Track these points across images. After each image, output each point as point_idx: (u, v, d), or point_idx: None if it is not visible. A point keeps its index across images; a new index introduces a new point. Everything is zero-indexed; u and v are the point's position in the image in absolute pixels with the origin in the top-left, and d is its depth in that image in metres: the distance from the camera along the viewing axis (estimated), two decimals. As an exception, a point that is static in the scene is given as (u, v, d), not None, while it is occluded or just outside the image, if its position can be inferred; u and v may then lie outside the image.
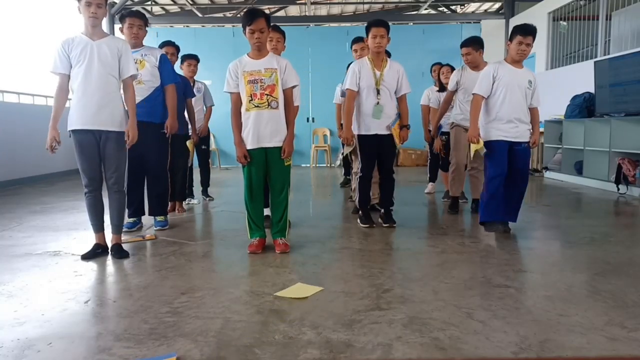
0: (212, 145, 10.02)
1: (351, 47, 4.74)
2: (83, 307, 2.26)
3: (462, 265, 2.88)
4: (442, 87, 5.38)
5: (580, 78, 7.13)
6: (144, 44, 3.91)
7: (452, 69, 5.32)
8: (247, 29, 3.05)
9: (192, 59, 5.14)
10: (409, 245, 3.45)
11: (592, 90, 6.61)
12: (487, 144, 3.61)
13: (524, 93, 3.58)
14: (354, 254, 3.18)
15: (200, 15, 11.44)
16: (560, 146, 7.29)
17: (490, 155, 3.59)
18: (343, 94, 4.65)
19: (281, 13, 12.86)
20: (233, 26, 10.83)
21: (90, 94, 2.97)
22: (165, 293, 2.43)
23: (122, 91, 3.20)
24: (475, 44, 4.37)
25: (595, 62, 6.65)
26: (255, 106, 3.09)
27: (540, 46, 8.70)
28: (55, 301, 2.36)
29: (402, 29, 10.89)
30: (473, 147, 3.65)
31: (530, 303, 2.24)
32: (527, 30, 3.50)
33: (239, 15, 11.61)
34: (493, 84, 3.57)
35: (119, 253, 3.13)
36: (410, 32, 10.60)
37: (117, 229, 3.22)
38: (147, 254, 3.25)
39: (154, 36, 10.31)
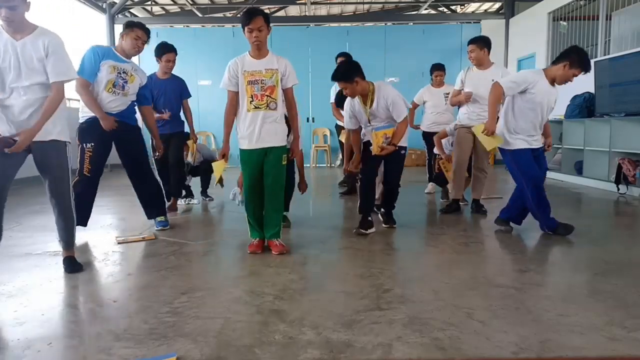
0: (212, 146, 10.03)
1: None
2: (83, 307, 2.26)
3: (462, 265, 2.88)
4: None
5: (580, 78, 7.08)
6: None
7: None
8: (246, 28, 3.02)
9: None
10: (409, 245, 3.45)
11: (592, 90, 6.61)
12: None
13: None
14: (354, 254, 3.18)
15: (200, 15, 11.44)
16: (561, 146, 7.29)
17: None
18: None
19: (281, 13, 12.85)
20: (233, 26, 10.83)
21: (17, 101, 2.58)
22: (165, 293, 2.42)
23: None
24: (479, 42, 4.37)
25: (595, 62, 6.63)
26: (255, 107, 3.08)
27: (540, 46, 8.70)
28: (56, 301, 2.36)
29: (402, 29, 10.89)
30: (489, 141, 3.55)
31: (530, 303, 2.24)
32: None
33: (239, 15, 11.60)
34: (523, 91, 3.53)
35: (72, 266, 2.82)
36: (410, 32, 10.60)
37: (68, 245, 2.91)
38: (147, 254, 3.25)
39: (154, 36, 10.25)
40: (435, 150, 5.34)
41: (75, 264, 2.86)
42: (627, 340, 1.84)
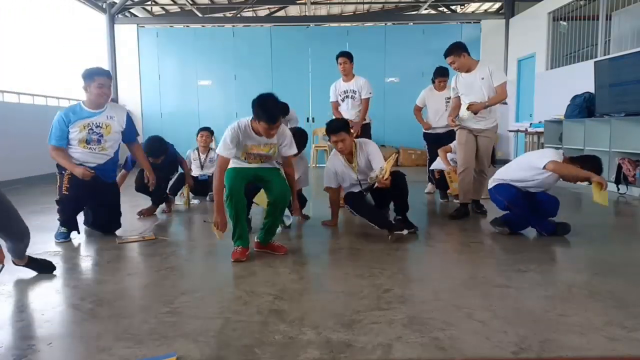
0: (212, 145, 10.01)
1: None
2: (83, 307, 2.26)
3: (462, 265, 2.88)
4: None
5: (580, 78, 7.13)
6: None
7: None
8: (266, 124, 2.91)
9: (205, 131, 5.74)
10: (409, 246, 3.45)
11: (592, 90, 6.61)
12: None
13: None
14: (354, 254, 3.18)
15: (200, 15, 11.43)
16: (561, 146, 7.28)
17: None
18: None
19: (281, 13, 12.86)
20: (233, 26, 10.83)
21: None
22: (165, 293, 2.43)
23: None
24: (454, 50, 4.20)
25: (595, 62, 6.64)
26: (249, 163, 3.17)
27: (540, 46, 8.70)
28: (56, 301, 2.36)
29: (402, 29, 10.89)
30: (604, 195, 3.42)
31: (530, 303, 2.24)
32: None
33: (239, 15, 11.61)
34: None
35: (43, 265, 2.78)
36: (410, 32, 10.60)
37: (22, 255, 2.71)
38: (147, 254, 3.25)
39: (154, 36, 10.32)
40: (439, 165, 5.33)
41: (44, 262, 2.79)
42: (627, 340, 1.84)
